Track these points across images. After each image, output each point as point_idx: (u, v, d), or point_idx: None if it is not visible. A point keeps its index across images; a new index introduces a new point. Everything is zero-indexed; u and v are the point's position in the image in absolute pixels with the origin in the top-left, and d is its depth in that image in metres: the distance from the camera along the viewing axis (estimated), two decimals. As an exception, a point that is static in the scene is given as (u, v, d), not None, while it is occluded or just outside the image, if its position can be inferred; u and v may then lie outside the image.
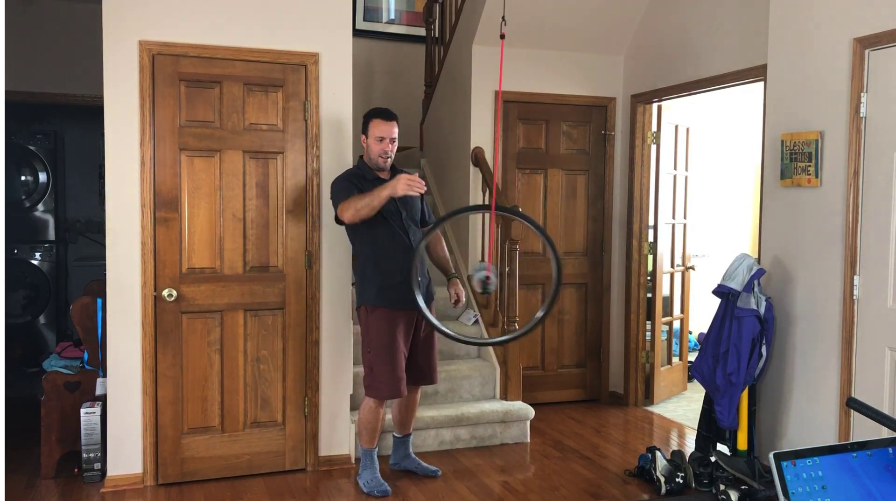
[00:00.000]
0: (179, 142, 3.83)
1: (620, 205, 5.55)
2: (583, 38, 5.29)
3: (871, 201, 3.48)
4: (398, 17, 7.32)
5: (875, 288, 3.46)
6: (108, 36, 3.72)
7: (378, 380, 3.68)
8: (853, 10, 3.51)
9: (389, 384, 3.66)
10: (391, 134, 3.67)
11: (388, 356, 3.65)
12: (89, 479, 3.88)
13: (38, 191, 7.00)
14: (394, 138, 3.69)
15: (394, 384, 3.67)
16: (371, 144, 3.69)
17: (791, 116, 3.86)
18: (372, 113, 3.75)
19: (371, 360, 3.69)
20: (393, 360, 3.66)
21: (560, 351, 5.52)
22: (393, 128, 3.69)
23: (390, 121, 3.69)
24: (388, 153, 3.67)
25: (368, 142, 3.70)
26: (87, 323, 4.02)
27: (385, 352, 3.65)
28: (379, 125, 3.68)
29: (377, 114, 3.72)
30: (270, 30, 3.95)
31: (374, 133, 3.67)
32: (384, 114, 3.71)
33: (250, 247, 3.97)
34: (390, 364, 3.65)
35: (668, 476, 3.83)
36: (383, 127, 3.67)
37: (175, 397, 3.87)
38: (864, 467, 1.47)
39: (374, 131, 3.68)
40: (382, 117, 3.69)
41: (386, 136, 3.66)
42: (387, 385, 3.66)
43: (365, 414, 3.76)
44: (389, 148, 3.67)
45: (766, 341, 3.85)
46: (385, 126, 3.67)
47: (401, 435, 4.04)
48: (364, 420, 3.78)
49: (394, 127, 3.69)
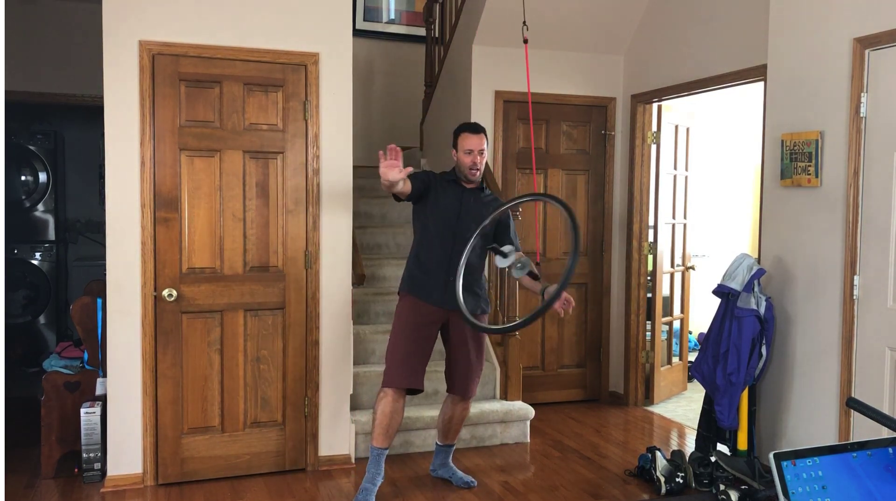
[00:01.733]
0: (179, 142, 3.83)
1: (620, 205, 5.55)
2: (583, 38, 5.29)
3: (871, 201, 3.48)
4: (398, 17, 7.32)
5: (875, 288, 3.46)
6: (108, 36, 3.72)
7: (389, 365, 3.63)
8: (853, 10, 3.51)
9: (399, 371, 3.59)
10: (479, 146, 3.66)
11: (404, 344, 3.61)
12: (89, 479, 3.88)
13: (38, 191, 7.00)
14: (482, 150, 3.68)
15: (403, 372, 3.59)
16: (461, 157, 3.68)
17: (791, 116, 3.86)
18: (461, 128, 3.76)
19: (389, 345, 3.69)
20: (407, 349, 3.61)
21: (560, 351, 5.52)
22: (481, 140, 3.68)
23: (478, 133, 3.70)
24: (477, 165, 3.67)
25: (458, 155, 3.70)
26: (87, 323, 4.02)
27: (401, 339, 3.62)
28: (467, 138, 3.68)
29: (465, 128, 3.74)
30: (270, 30, 3.95)
31: (463, 146, 3.67)
32: (472, 127, 3.73)
33: (250, 247, 3.97)
34: (404, 351, 3.61)
35: (668, 476, 3.83)
36: (472, 139, 3.67)
37: (175, 397, 3.87)
38: (864, 467, 1.47)
39: (463, 144, 3.68)
40: (470, 131, 3.71)
41: (474, 149, 3.66)
42: (396, 371, 3.59)
43: (377, 405, 3.63)
44: (478, 160, 3.66)
45: (766, 341, 3.85)
46: (473, 139, 3.67)
47: (441, 444, 3.95)
48: (376, 412, 3.63)
49: (482, 139, 3.68)
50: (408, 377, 3.60)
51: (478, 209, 3.68)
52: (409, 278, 3.72)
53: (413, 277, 3.70)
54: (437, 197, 3.69)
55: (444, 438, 3.94)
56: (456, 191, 3.72)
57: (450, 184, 3.74)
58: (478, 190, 3.77)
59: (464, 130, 3.73)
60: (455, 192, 3.72)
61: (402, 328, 3.65)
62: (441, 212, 3.68)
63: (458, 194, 3.71)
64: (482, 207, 3.69)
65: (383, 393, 3.61)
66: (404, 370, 3.60)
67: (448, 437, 3.93)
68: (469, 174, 3.68)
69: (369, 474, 3.66)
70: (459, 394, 3.80)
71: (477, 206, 3.70)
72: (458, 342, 3.73)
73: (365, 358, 4.67)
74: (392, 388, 3.59)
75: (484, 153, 3.69)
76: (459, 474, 3.92)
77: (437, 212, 3.68)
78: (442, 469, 3.97)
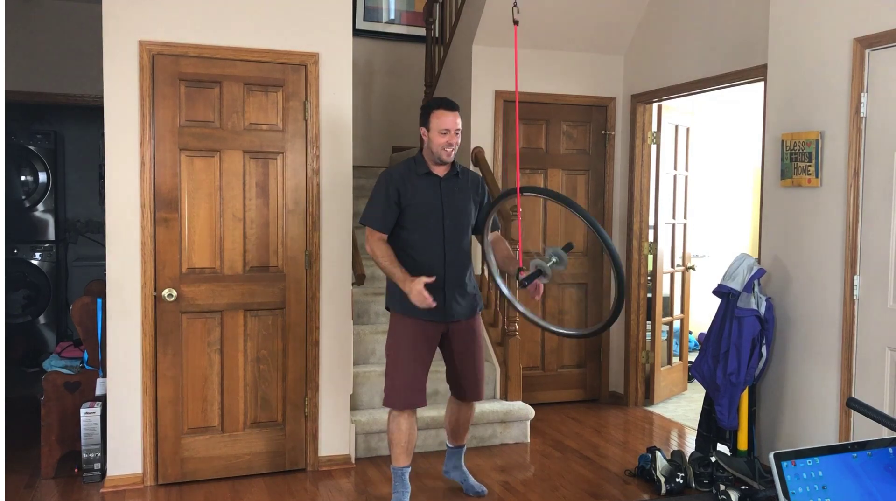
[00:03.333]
0: (179, 143, 3.83)
1: (620, 205, 5.55)
2: (583, 38, 5.29)
3: (871, 201, 3.48)
4: (398, 17, 7.32)
5: (875, 288, 3.46)
6: (108, 36, 3.72)
7: (391, 387, 3.49)
8: (853, 10, 3.51)
9: (402, 393, 3.46)
10: (456, 125, 3.39)
11: (404, 364, 3.47)
12: (89, 479, 3.88)
13: (38, 191, 7.01)
14: (458, 129, 3.40)
15: (407, 394, 3.45)
16: (434, 137, 3.39)
17: (791, 116, 3.86)
18: (433, 104, 3.45)
19: (388, 366, 3.53)
20: (408, 369, 3.45)
21: (560, 351, 5.52)
22: (457, 118, 3.40)
23: (454, 111, 3.41)
24: (454, 145, 3.40)
25: (430, 135, 3.40)
26: (87, 323, 4.02)
27: (401, 360, 3.47)
28: (443, 116, 3.38)
29: (440, 105, 3.42)
30: (270, 30, 3.95)
31: (438, 125, 3.38)
32: (447, 104, 3.42)
33: (250, 247, 3.97)
34: (404, 372, 3.47)
35: (668, 476, 3.83)
36: (448, 118, 3.38)
37: (175, 397, 3.87)
38: (864, 467, 1.47)
39: (438, 123, 3.38)
40: (445, 107, 3.40)
41: (451, 128, 3.37)
42: (399, 394, 3.46)
43: (388, 427, 3.54)
44: (455, 140, 3.39)
45: (767, 341, 3.85)
46: (450, 117, 3.38)
47: (452, 446, 3.85)
48: (389, 433, 3.54)
49: (457, 117, 3.40)
50: (416, 398, 3.48)
51: (461, 197, 3.46)
52: (404, 299, 3.36)
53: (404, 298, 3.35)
54: (412, 200, 3.42)
55: (454, 439, 3.84)
56: (431, 183, 3.45)
57: (421, 177, 3.45)
58: (452, 174, 3.50)
59: (438, 107, 3.41)
60: (431, 186, 3.45)
61: (403, 348, 3.46)
62: (424, 216, 3.43)
63: (435, 187, 3.45)
64: (464, 193, 3.48)
65: (396, 413, 3.49)
66: (412, 392, 3.46)
67: (458, 438, 3.83)
68: (443, 155, 3.39)
69: (398, 494, 3.54)
70: (473, 399, 3.68)
71: (459, 195, 3.47)
72: (464, 350, 3.58)
73: (365, 358, 4.67)
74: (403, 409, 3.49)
75: (459, 133, 3.42)
76: (472, 481, 3.81)
77: (418, 217, 3.42)
78: (455, 471, 3.87)
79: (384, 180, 3.48)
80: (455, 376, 3.66)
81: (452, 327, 3.53)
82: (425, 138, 3.46)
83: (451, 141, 3.39)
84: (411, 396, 3.47)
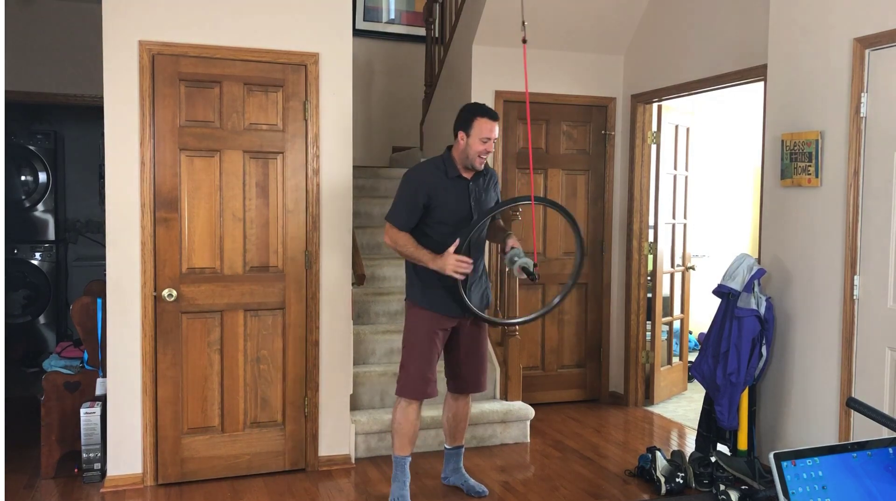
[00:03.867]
0: (179, 142, 3.83)
1: (620, 205, 5.55)
2: (583, 38, 5.29)
3: (871, 201, 3.48)
4: (398, 17, 7.32)
5: (875, 288, 3.46)
6: (108, 36, 3.72)
7: (406, 377, 3.57)
8: (853, 10, 3.51)
9: (416, 383, 3.54)
10: (495, 133, 3.45)
11: (420, 355, 3.55)
12: (89, 479, 3.88)
13: (38, 191, 7.01)
14: (496, 138, 3.48)
15: (421, 384, 3.53)
16: (473, 143, 3.43)
17: (791, 116, 3.86)
18: (477, 110, 3.49)
19: (404, 356, 3.61)
20: (424, 359, 3.54)
21: (560, 351, 5.52)
22: (496, 127, 3.47)
23: (496, 120, 3.47)
24: (489, 153, 3.48)
25: (469, 140, 3.44)
26: (87, 323, 4.02)
27: (417, 351, 3.55)
28: (485, 125, 3.43)
29: (484, 113, 3.46)
30: (270, 30, 3.94)
31: (480, 133, 3.42)
32: (491, 113, 3.48)
33: (250, 247, 3.97)
34: (420, 363, 3.54)
35: (668, 476, 3.83)
36: (490, 127, 3.43)
37: (175, 397, 3.87)
38: (864, 467, 1.47)
39: (480, 131, 3.42)
40: (490, 116, 3.46)
41: (491, 138, 3.44)
42: (414, 384, 3.55)
43: (394, 415, 3.61)
44: (491, 149, 3.47)
45: (767, 341, 3.85)
46: (491, 126, 3.44)
47: (450, 447, 3.86)
48: (394, 423, 3.61)
49: (497, 127, 3.47)
50: (424, 390, 3.56)
51: (486, 197, 3.56)
52: (425, 292, 3.52)
53: (429, 291, 3.50)
54: (443, 202, 3.48)
55: (453, 440, 3.85)
56: (461, 187, 3.52)
57: (452, 181, 3.51)
58: (478, 175, 3.57)
59: (482, 114, 3.46)
60: (461, 189, 3.52)
61: (420, 341, 3.54)
62: (455, 217, 3.49)
63: (464, 190, 3.52)
64: (488, 193, 3.57)
65: (406, 402, 3.56)
66: (425, 382, 3.55)
67: (456, 438, 3.85)
68: (477, 162, 3.46)
69: (399, 482, 3.61)
70: (474, 390, 3.74)
71: (484, 195, 3.57)
72: (471, 343, 3.66)
73: (365, 358, 4.67)
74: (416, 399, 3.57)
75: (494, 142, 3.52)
76: (472, 482, 3.82)
77: (449, 218, 3.49)
78: (454, 475, 3.86)
79: (414, 181, 3.53)
80: (457, 369, 3.71)
81: (463, 320, 3.59)
82: (462, 142, 3.48)
83: (489, 149, 3.46)
84: (426, 387, 3.56)
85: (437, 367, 3.61)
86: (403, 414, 3.58)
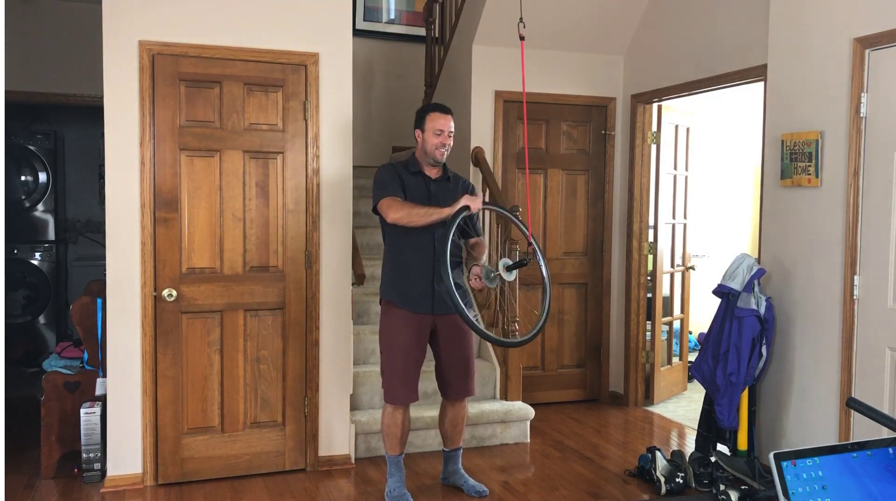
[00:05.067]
0: (179, 142, 3.83)
1: (620, 205, 5.55)
2: (583, 38, 5.29)
3: (871, 201, 3.48)
4: (398, 17, 7.32)
5: (875, 288, 3.46)
6: (108, 36, 3.72)
7: (387, 383, 3.60)
8: (853, 10, 3.51)
9: (397, 389, 3.57)
10: (449, 127, 3.59)
11: (402, 360, 3.56)
12: (89, 479, 3.88)
13: (38, 191, 7.01)
14: (451, 131, 3.61)
15: (402, 389, 3.57)
16: (428, 138, 3.59)
17: (791, 116, 3.86)
18: (428, 107, 3.70)
19: (382, 362, 3.63)
20: (404, 363, 3.56)
21: (560, 351, 5.52)
22: (450, 121, 3.61)
23: (447, 114, 3.62)
24: (447, 146, 3.59)
25: (425, 135, 3.60)
26: (87, 323, 4.02)
27: (398, 355, 3.57)
28: (437, 118, 3.59)
29: (434, 108, 3.66)
30: (270, 30, 3.94)
31: (433, 126, 3.58)
32: (441, 108, 3.67)
33: (250, 247, 3.97)
34: (400, 367, 3.56)
35: (668, 476, 3.83)
36: (441, 120, 3.59)
37: (175, 397, 3.87)
38: (864, 467, 1.47)
39: (433, 124, 3.58)
40: (440, 111, 3.63)
41: (444, 129, 3.57)
42: (394, 389, 3.58)
43: (383, 419, 3.67)
44: (448, 141, 3.59)
45: (767, 341, 3.85)
46: (443, 119, 3.59)
47: (448, 450, 3.87)
48: (383, 425, 3.67)
49: (450, 120, 3.62)
50: (411, 393, 3.60)
51: (450, 198, 3.56)
52: (393, 288, 3.61)
53: (397, 287, 3.60)
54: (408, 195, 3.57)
55: (451, 442, 3.85)
56: (420, 183, 3.62)
57: (412, 175, 3.63)
58: (443, 178, 3.67)
59: (433, 110, 3.64)
60: (421, 185, 3.61)
61: (396, 343, 3.58)
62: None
63: (423, 186, 3.61)
64: (450, 194, 3.59)
65: (392, 407, 3.61)
66: (406, 387, 3.59)
67: (454, 441, 3.85)
68: (437, 154, 3.58)
69: (395, 478, 3.67)
70: (460, 395, 3.74)
71: (449, 196, 3.58)
72: (450, 344, 3.66)
73: (365, 358, 4.67)
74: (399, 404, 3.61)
75: (451, 135, 3.61)
76: (472, 482, 3.82)
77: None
78: (454, 476, 3.87)
79: (388, 168, 3.67)
80: (443, 375, 3.72)
81: (440, 321, 3.61)
82: (419, 139, 3.64)
83: (444, 141, 3.58)
84: (408, 393, 3.60)
85: (419, 371, 3.61)
86: (391, 418, 3.63)
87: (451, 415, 3.79)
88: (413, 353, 3.59)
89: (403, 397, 3.59)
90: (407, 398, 3.60)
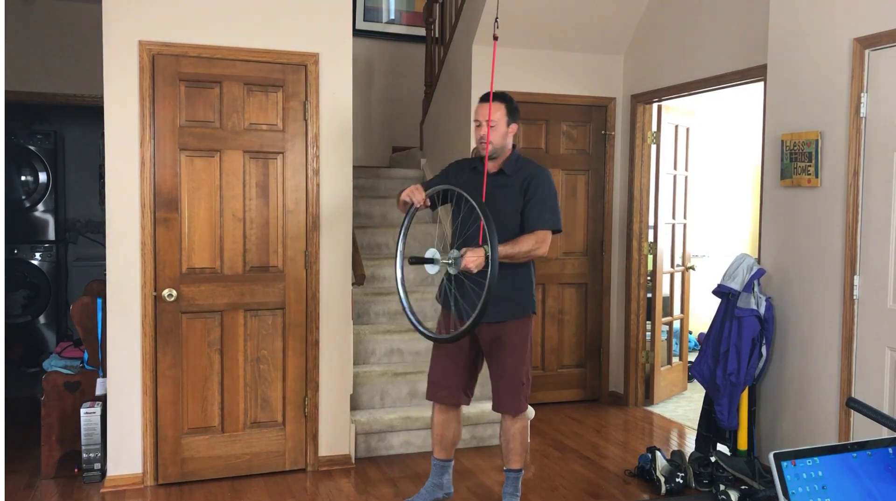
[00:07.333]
0: (179, 142, 3.83)
1: (620, 205, 5.55)
2: (583, 38, 5.29)
3: (871, 201, 3.48)
4: (398, 17, 7.32)
5: (875, 288, 3.46)
6: (108, 36, 3.72)
7: (428, 379, 3.57)
8: (853, 10, 3.51)
9: (429, 385, 3.54)
10: (483, 116, 3.24)
11: (435, 358, 3.53)
12: (89, 479, 3.88)
13: (38, 191, 7.01)
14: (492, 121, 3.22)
15: (431, 386, 3.52)
16: (473, 130, 3.38)
17: (791, 116, 3.86)
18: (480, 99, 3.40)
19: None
20: (437, 361, 3.50)
21: (560, 351, 5.52)
22: (483, 109, 3.25)
23: (484, 102, 3.27)
24: (485, 138, 3.23)
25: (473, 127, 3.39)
26: (87, 323, 4.02)
27: (433, 354, 3.56)
28: (476, 108, 3.31)
29: (480, 99, 3.34)
30: (270, 30, 3.95)
31: (474, 117, 3.35)
32: (483, 96, 3.32)
33: (250, 247, 3.97)
34: (433, 366, 3.52)
35: (668, 476, 3.83)
36: (479, 110, 3.29)
37: (175, 397, 3.87)
38: (864, 467, 1.47)
39: (474, 115, 3.34)
40: (481, 100, 3.30)
41: (480, 119, 3.27)
42: (429, 386, 3.53)
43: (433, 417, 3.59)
44: (487, 132, 3.22)
45: (766, 341, 3.85)
46: (480, 109, 3.28)
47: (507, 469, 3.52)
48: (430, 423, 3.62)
49: (485, 108, 3.25)
50: (434, 393, 3.51)
51: (502, 200, 3.26)
52: (441, 288, 3.48)
53: (441, 286, 3.48)
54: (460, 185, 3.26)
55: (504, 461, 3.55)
56: (473, 179, 3.29)
57: (469, 172, 3.39)
58: (499, 173, 3.32)
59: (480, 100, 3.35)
60: (473, 181, 3.28)
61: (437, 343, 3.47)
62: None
63: (476, 183, 3.25)
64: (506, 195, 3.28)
65: (434, 405, 3.56)
66: (436, 387, 3.50)
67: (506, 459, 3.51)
68: (480, 148, 3.30)
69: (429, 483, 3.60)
70: (500, 408, 3.46)
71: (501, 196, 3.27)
72: (490, 356, 3.45)
73: (365, 358, 4.67)
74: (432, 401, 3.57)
75: (496, 125, 3.25)
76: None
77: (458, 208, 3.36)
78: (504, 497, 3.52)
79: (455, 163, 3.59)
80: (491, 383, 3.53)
81: (481, 330, 3.33)
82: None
83: (481, 132, 3.27)
84: (435, 390, 3.52)
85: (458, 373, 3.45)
86: (432, 417, 3.58)
87: (501, 430, 3.52)
88: (442, 352, 3.46)
89: (431, 394, 3.53)
90: (434, 396, 3.51)
